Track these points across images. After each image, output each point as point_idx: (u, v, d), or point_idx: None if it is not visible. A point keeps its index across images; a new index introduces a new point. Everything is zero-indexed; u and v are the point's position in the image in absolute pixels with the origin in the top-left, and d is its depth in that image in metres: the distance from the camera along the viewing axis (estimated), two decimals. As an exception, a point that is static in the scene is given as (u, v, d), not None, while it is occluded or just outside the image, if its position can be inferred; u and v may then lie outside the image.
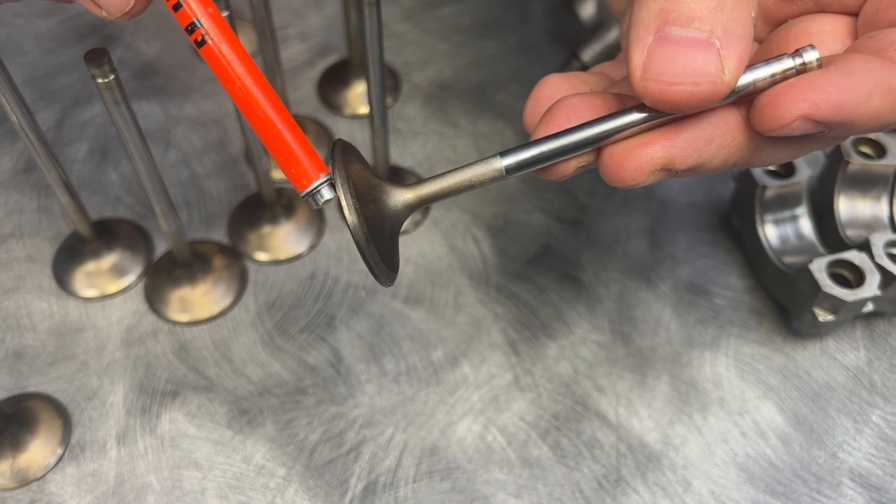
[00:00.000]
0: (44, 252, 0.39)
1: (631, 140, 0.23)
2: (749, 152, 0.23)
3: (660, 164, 0.22)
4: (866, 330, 0.37)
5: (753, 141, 0.23)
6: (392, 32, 0.48)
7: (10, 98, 0.31)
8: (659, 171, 0.23)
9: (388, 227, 0.24)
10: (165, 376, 0.35)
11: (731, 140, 0.23)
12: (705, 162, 0.23)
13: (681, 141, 0.22)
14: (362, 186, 0.23)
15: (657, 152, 0.22)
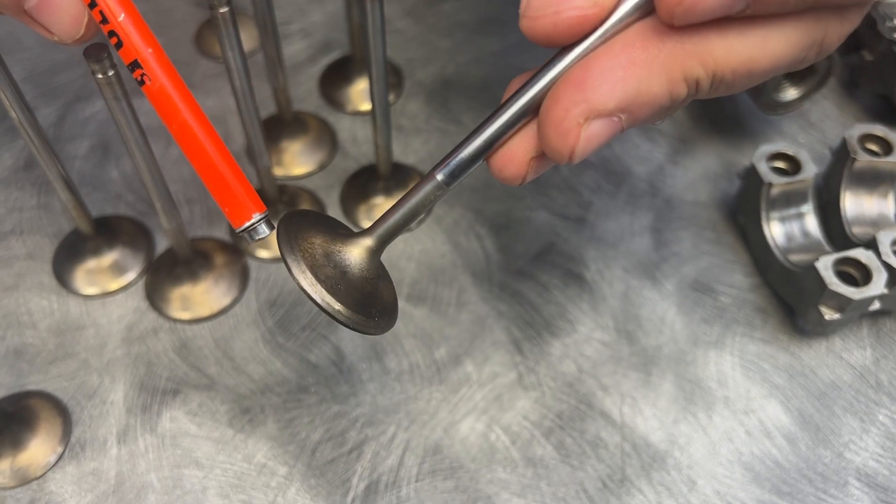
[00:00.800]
0: (44, 249, 0.39)
1: (563, 96, 0.21)
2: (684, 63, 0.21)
3: (583, 114, 0.21)
4: (873, 328, 0.37)
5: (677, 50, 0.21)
6: (394, 29, 0.48)
7: (10, 95, 0.30)
8: (590, 120, 0.21)
9: (360, 279, 0.24)
10: (166, 374, 0.35)
11: (646, 55, 0.21)
12: (634, 96, 0.21)
13: (593, 81, 0.21)
14: (318, 255, 0.23)
15: (574, 101, 0.21)
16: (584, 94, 0.21)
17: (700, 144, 0.43)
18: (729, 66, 0.21)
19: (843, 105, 0.45)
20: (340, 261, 0.23)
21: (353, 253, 0.24)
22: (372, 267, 0.24)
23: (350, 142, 0.43)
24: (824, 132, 0.44)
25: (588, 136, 0.21)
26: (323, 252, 0.23)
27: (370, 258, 0.24)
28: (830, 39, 0.22)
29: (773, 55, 0.21)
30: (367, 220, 0.40)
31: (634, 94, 0.21)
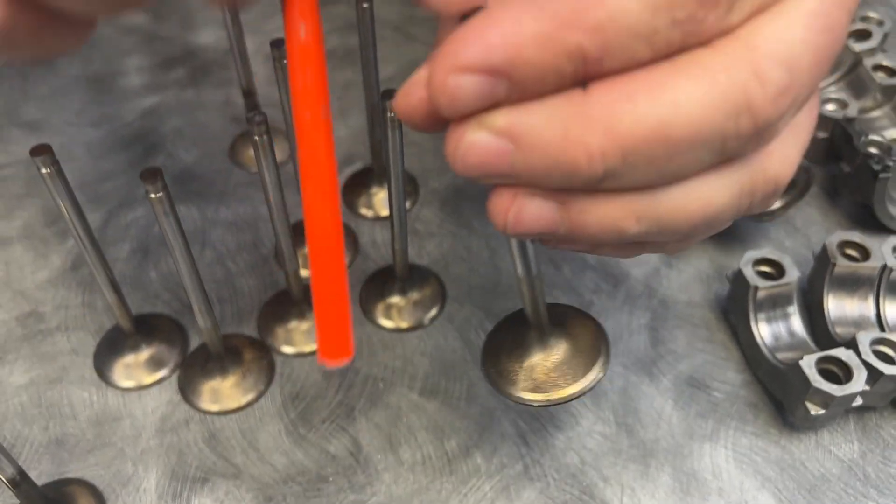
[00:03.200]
0: (86, 345, 0.42)
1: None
2: None
3: (471, 128, 0.22)
4: (859, 423, 0.39)
5: None
6: (411, 141, 0.53)
7: (68, 203, 0.34)
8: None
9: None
10: (196, 463, 0.38)
11: None
12: (524, 128, 0.21)
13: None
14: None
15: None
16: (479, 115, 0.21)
17: (693, 249, 0.46)
18: (643, 138, 0.21)
19: (826, 211, 0.48)
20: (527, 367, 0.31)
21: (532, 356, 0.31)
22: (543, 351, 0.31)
23: (370, 245, 0.47)
24: (809, 237, 0.47)
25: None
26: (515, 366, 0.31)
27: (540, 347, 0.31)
28: (757, 189, 0.23)
29: (688, 124, 0.21)
30: (385, 317, 0.43)
31: (519, 130, 0.21)
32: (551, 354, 0.31)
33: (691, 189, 0.22)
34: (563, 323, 0.32)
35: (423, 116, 0.22)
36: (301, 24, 0.23)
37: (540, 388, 0.30)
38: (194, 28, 0.61)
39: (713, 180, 0.23)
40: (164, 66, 0.58)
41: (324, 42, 0.23)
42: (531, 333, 0.31)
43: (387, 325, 0.43)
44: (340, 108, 0.55)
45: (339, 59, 0.58)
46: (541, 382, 0.30)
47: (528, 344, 0.31)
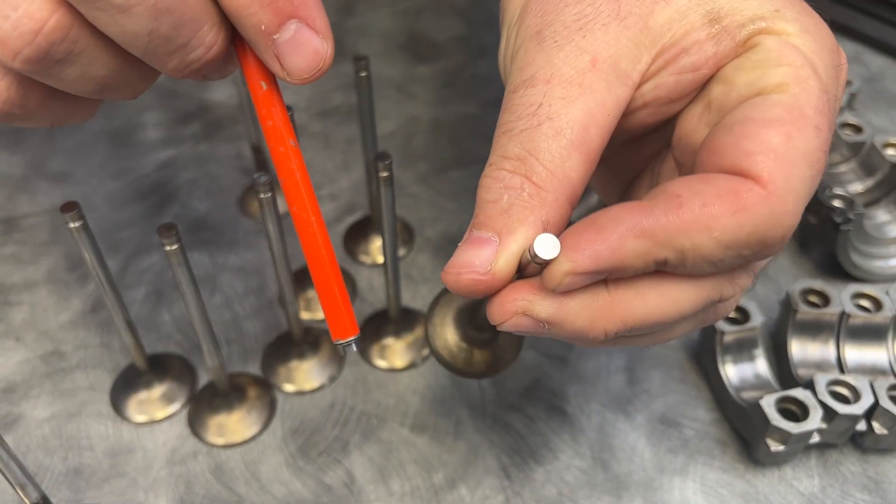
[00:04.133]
0: (104, 382, 0.46)
1: (509, 288, 0.27)
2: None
3: (521, 307, 0.26)
4: (820, 459, 0.42)
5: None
6: (409, 193, 0.56)
7: (92, 253, 0.38)
8: (521, 315, 0.26)
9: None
10: (202, 492, 0.41)
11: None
12: (562, 319, 0.26)
13: (540, 293, 0.26)
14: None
15: (519, 296, 0.26)
16: (528, 298, 0.26)
17: (669, 294, 0.50)
18: (644, 323, 0.27)
19: (796, 260, 0.52)
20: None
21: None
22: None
23: (367, 289, 0.51)
24: (779, 284, 0.50)
25: (516, 321, 0.26)
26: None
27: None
28: (726, 295, 0.28)
29: (679, 307, 0.27)
30: (381, 358, 0.46)
31: (560, 319, 0.26)
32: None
33: (671, 304, 0.27)
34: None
35: (471, 292, 0.27)
36: (261, 81, 0.27)
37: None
38: (209, 85, 0.65)
39: (690, 295, 0.27)
40: (179, 122, 0.62)
41: (283, 91, 0.28)
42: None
43: (381, 365, 0.46)
44: (343, 162, 0.59)
45: (343, 116, 0.63)
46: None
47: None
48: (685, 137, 0.29)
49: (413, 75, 0.66)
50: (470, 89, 0.65)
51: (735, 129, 0.26)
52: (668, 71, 0.29)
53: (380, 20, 0.72)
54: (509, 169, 0.27)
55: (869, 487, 0.41)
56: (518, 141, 0.27)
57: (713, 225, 0.24)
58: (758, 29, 0.27)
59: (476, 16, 0.73)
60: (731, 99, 0.27)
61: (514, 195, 0.26)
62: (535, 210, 0.26)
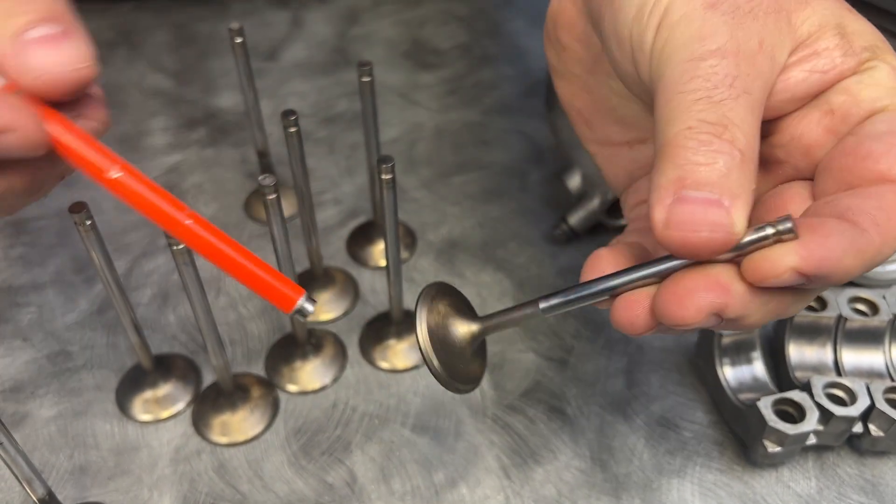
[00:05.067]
0: (109, 381, 0.46)
1: (689, 282, 0.27)
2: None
3: (715, 308, 0.26)
4: (817, 461, 0.42)
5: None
6: (411, 198, 0.57)
7: (100, 254, 0.39)
8: (713, 315, 0.26)
9: (458, 349, 0.32)
10: (206, 490, 0.41)
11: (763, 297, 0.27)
12: (748, 315, 0.27)
13: (735, 292, 0.26)
14: (438, 317, 0.32)
15: (716, 297, 0.26)
16: (721, 298, 0.26)
17: (668, 298, 0.50)
18: (786, 315, 0.28)
19: (794, 265, 0.52)
20: (450, 332, 0.32)
21: (461, 330, 0.32)
22: (469, 343, 0.32)
23: (370, 292, 0.51)
24: (777, 289, 0.51)
25: (703, 320, 0.26)
26: (443, 316, 0.32)
27: (471, 339, 0.32)
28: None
29: (803, 307, 0.29)
30: (382, 359, 0.47)
31: (739, 317, 0.27)
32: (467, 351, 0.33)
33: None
34: (483, 346, 0.35)
35: (713, 251, 0.26)
36: (111, 168, 0.27)
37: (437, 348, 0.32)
38: (215, 92, 0.66)
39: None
40: (186, 127, 0.63)
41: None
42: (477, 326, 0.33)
43: (383, 366, 0.47)
44: (347, 167, 0.60)
45: (347, 122, 0.63)
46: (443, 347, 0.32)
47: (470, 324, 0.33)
48: (798, 139, 0.30)
49: (416, 83, 0.67)
50: (473, 96, 0.66)
51: (884, 139, 0.28)
52: (800, 68, 0.30)
53: (384, 29, 0.73)
54: (715, 133, 0.26)
55: (865, 489, 0.41)
56: (717, 109, 0.27)
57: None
58: (875, 55, 0.29)
59: (479, 24, 0.74)
60: (859, 109, 0.29)
61: (729, 160, 0.26)
62: (749, 178, 0.26)
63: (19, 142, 0.26)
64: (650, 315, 0.28)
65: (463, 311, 0.33)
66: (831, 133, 0.30)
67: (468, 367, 0.32)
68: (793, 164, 0.31)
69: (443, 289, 0.33)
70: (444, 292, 0.33)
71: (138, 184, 0.28)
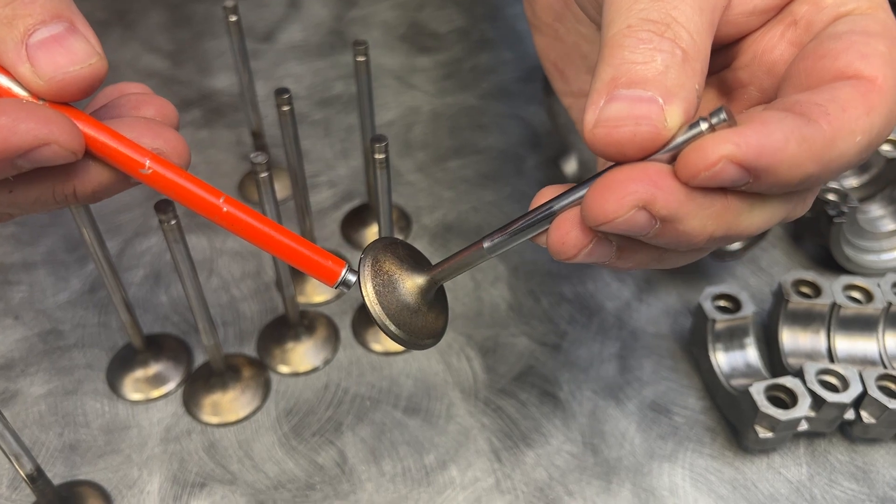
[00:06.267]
0: (100, 360, 0.46)
1: (616, 174, 0.24)
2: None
3: (640, 200, 0.24)
4: (808, 448, 0.42)
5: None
6: (406, 181, 0.57)
7: (91, 232, 0.39)
8: (639, 209, 0.24)
9: (413, 303, 0.30)
10: (196, 470, 0.41)
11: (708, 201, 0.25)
12: (684, 215, 0.24)
13: (664, 185, 0.24)
14: (384, 276, 0.30)
15: (641, 187, 0.24)
16: (650, 190, 0.24)
17: (663, 285, 0.50)
18: (740, 234, 0.26)
19: (790, 253, 0.52)
20: (398, 288, 0.30)
21: (409, 284, 0.30)
22: (422, 297, 0.30)
23: (363, 275, 0.51)
24: (772, 276, 0.50)
25: (631, 217, 0.24)
26: (388, 275, 0.30)
27: (423, 291, 0.30)
28: (796, 213, 0.28)
29: (768, 223, 0.26)
30: (375, 342, 0.47)
31: (680, 217, 0.24)
32: (424, 306, 0.31)
33: (764, 219, 0.27)
34: (441, 296, 0.33)
35: (640, 147, 0.25)
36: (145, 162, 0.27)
37: (387, 308, 0.30)
38: (210, 73, 0.66)
39: (777, 211, 0.27)
40: (181, 107, 0.63)
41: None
42: (427, 278, 0.31)
43: (376, 349, 0.46)
44: (343, 150, 0.59)
45: (343, 105, 0.63)
46: (395, 306, 0.30)
47: (419, 277, 0.31)
48: (761, 56, 0.29)
49: (413, 66, 0.67)
50: (469, 81, 0.65)
51: (844, 37, 0.26)
52: None
53: (381, 11, 0.73)
54: (656, 31, 0.25)
55: (856, 476, 0.41)
56: (662, 7, 0.26)
57: (855, 128, 0.24)
58: None
59: (477, 8, 0.73)
60: (823, 16, 0.28)
61: (668, 58, 0.25)
62: (690, 76, 0.25)
63: (60, 151, 0.25)
64: (581, 230, 0.26)
65: (410, 264, 0.31)
66: (795, 46, 0.28)
67: (426, 320, 0.30)
68: (757, 86, 0.30)
69: (387, 245, 0.31)
70: (388, 248, 0.31)
71: (174, 174, 0.28)
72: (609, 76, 0.25)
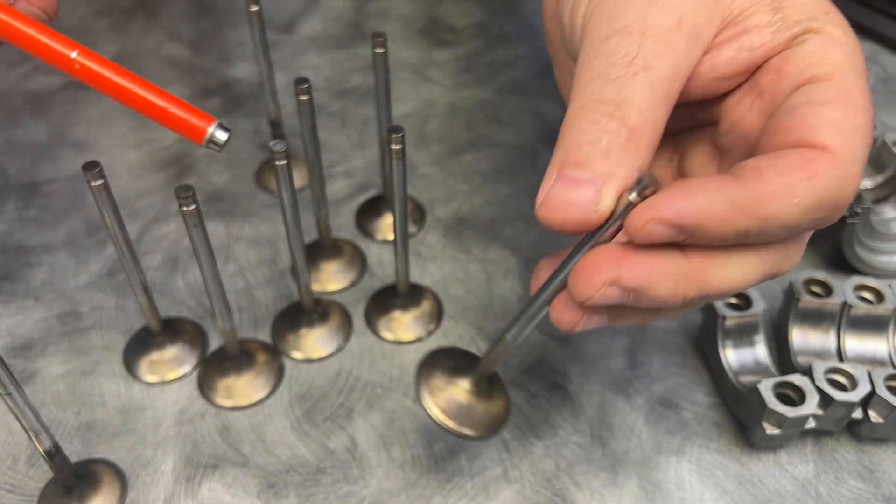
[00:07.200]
0: (117, 343, 0.47)
1: (589, 258, 0.27)
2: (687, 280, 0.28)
3: (610, 279, 0.27)
4: (816, 446, 0.42)
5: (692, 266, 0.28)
6: (421, 174, 0.57)
7: (111, 213, 0.39)
8: (609, 286, 0.27)
9: (472, 402, 0.35)
10: (209, 451, 0.42)
11: (671, 265, 0.27)
12: (651, 283, 0.27)
13: (627, 261, 0.27)
14: (440, 386, 0.35)
15: (608, 269, 0.27)
16: (614, 269, 0.27)
17: (674, 281, 0.50)
18: (718, 291, 0.28)
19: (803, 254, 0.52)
20: (456, 395, 0.35)
21: (464, 387, 0.36)
22: (477, 394, 0.36)
23: (377, 265, 0.52)
24: (784, 276, 0.50)
25: (605, 293, 0.27)
26: (445, 387, 0.35)
27: (476, 389, 0.36)
28: (782, 267, 0.30)
29: (747, 279, 0.29)
30: (387, 330, 0.47)
31: (646, 287, 0.27)
32: (480, 401, 0.36)
33: (742, 275, 0.29)
34: (496, 382, 0.37)
35: (574, 229, 0.28)
36: None
37: (451, 415, 0.35)
38: (230, 63, 0.67)
39: (756, 267, 0.29)
40: (201, 96, 0.64)
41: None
42: (474, 376, 0.36)
43: (388, 337, 0.47)
44: (359, 141, 0.60)
45: (361, 96, 0.64)
46: (455, 411, 0.35)
47: (467, 379, 0.36)
48: (736, 125, 0.31)
49: (431, 60, 0.67)
50: (487, 75, 0.66)
51: (797, 110, 0.28)
52: (729, 46, 0.30)
53: (400, 5, 0.73)
54: (605, 112, 0.27)
55: (863, 475, 0.41)
56: (614, 87, 0.28)
57: (792, 192, 0.26)
58: (810, 27, 0.29)
59: (495, 3, 0.73)
60: (783, 87, 0.29)
61: (613, 139, 0.27)
62: (633, 155, 0.27)
63: None
64: (572, 308, 0.29)
65: (457, 367, 0.36)
66: (764, 115, 0.30)
67: (491, 409, 0.36)
68: (738, 151, 0.31)
69: (432, 359, 0.36)
70: (435, 361, 0.36)
71: (19, 22, 0.28)
72: (560, 157, 0.28)
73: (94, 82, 0.29)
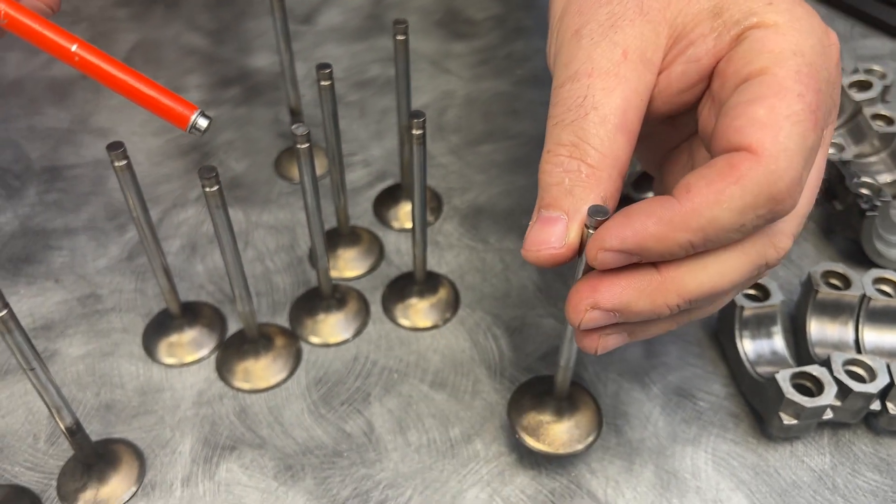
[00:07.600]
0: (136, 325, 0.48)
1: (576, 288, 0.30)
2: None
3: (590, 305, 0.30)
4: (833, 438, 0.42)
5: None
6: (439, 164, 0.58)
7: (134, 195, 0.40)
8: (591, 310, 0.30)
9: (562, 425, 0.40)
10: (226, 433, 0.42)
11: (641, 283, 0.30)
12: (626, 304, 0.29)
13: (601, 286, 0.29)
14: (535, 427, 0.40)
15: (587, 296, 0.30)
16: (591, 295, 0.30)
17: (691, 272, 0.50)
18: (699, 294, 0.30)
19: (820, 246, 0.52)
20: (545, 421, 0.40)
21: (550, 412, 0.40)
22: (562, 414, 0.40)
23: (395, 252, 0.52)
24: (801, 268, 0.50)
25: (590, 317, 0.30)
26: (538, 415, 0.40)
27: (559, 410, 0.40)
28: (768, 255, 0.31)
29: (730, 279, 0.30)
30: (403, 317, 0.47)
31: (624, 305, 0.29)
32: (562, 419, 0.40)
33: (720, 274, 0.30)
34: (574, 398, 0.41)
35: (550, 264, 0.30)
36: None
37: (545, 440, 0.40)
38: (250, 52, 0.67)
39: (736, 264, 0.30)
40: (220, 85, 0.64)
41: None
42: (551, 400, 0.40)
43: (404, 324, 0.47)
44: (377, 131, 0.60)
45: (379, 87, 0.64)
46: (549, 437, 0.40)
47: (547, 406, 0.41)
48: (703, 131, 0.32)
49: (449, 51, 0.68)
50: (504, 67, 0.66)
51: (730, 112, 0.29)
52: (678, 61, 0.32)
53: (419, -3, 0.73)
54: (566, 154, 0.30)
55: (880, 468, 0.41)
56: (570, 130, 0.30)
57: (721, 198, 0.27)
58: (750, 24, 0.30)
59: (514, -3, 0.74)
60: (725, 91, 0.30)
61: (574, 177, 0.30)
62: (593, 188, 0.30)
63: None
64: (589, 333, 0.32)
65: (539, 396, 0.41)
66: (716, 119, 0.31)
67: (581, 423, 0.40)
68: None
69: (516, 397, 0.42)
70: (518, 400, 0.41)
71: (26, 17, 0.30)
72: (538, 200, 0.31)
73: (93, 73, 0.31)
